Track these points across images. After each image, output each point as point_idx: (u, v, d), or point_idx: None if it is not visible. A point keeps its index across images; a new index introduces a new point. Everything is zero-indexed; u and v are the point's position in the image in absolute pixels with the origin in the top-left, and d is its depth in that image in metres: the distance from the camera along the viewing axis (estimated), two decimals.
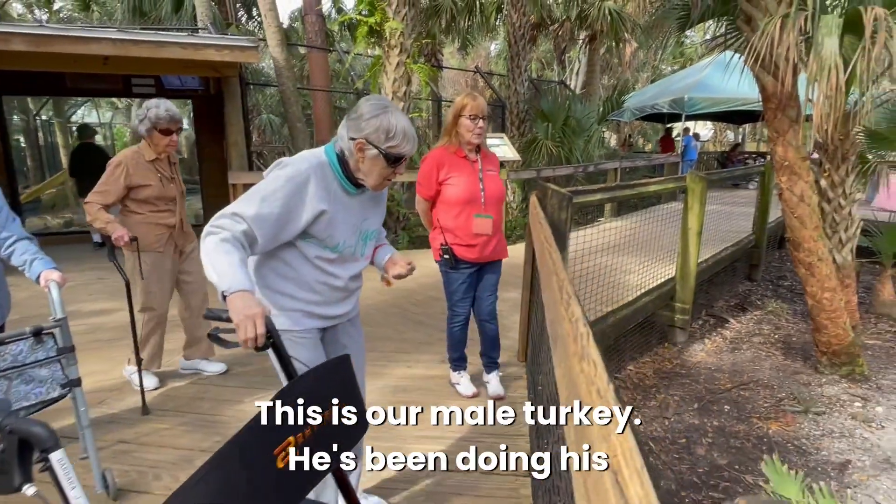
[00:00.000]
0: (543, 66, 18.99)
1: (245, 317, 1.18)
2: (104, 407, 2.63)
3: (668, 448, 3.45)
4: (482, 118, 2.50)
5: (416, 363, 3.24)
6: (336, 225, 1.51)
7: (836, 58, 3.39)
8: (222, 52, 5.13)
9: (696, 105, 10.69)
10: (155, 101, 2.63)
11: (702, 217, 4.61)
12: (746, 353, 4.91)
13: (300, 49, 15.42)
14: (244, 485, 0.79)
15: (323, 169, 1.48)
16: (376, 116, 1.42)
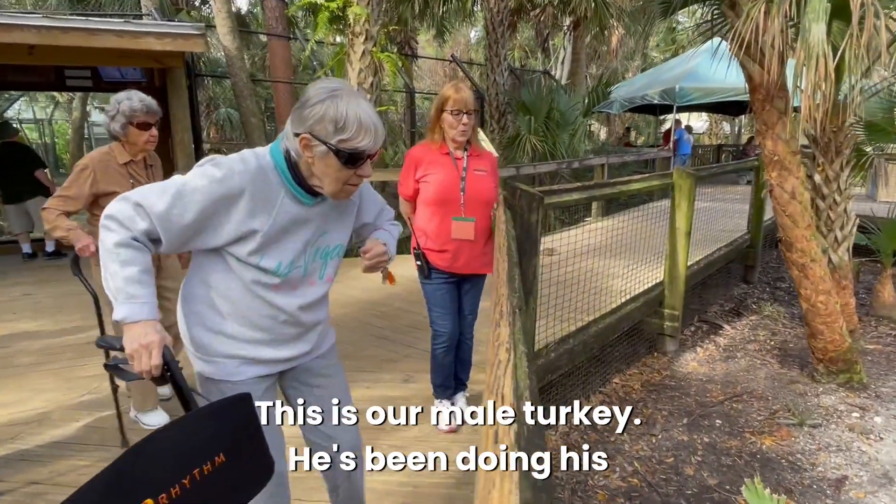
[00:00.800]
0: (527, 54, 19.12)
1: (140, 346, 1.13)
2: (17, 442, 2.53)
3: (654, 468, 3.44)
4: (467, 113, 2.42)
5: (375, 383, 3.18)
6: (276, 243, 1.32)
7: (824, 45, 3.44)
8: (163, 40, 5.02)
9: (687, 95, 10.83)
10: (125, 93, 2.46)
11: (691, 216, 4.65)
12: (741, 361, 4.96)
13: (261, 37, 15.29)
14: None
15: (264, 176, 1.28)
16: (321, 102, 1.21)
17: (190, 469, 0.86)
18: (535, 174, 7.73)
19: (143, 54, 5.33)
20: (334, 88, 1.24)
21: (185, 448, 0.89)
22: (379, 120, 1.27)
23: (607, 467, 3.47)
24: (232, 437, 0.97)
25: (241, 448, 0.97)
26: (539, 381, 3.43)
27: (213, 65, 14.67)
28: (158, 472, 0.83)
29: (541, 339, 3.50)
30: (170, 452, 0.86)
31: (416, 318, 4.18)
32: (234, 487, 0.95)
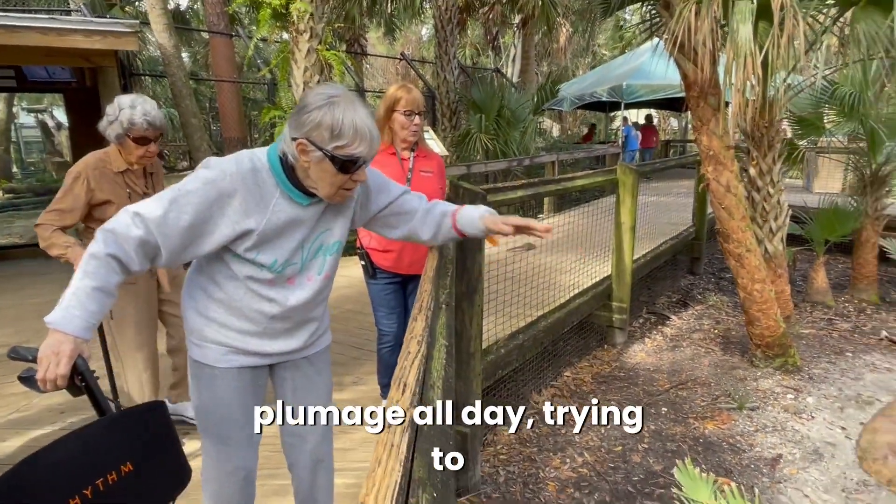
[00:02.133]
0: (478, 52, 19.32)
1: (51, 353, 1.12)
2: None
3: (603, 458, 3.57)
4: (418, 114, 2.45)
5: None
6: (272, 241, 1.37)
7: (750, 44, 3.65)
8: (93, 38, 4.85)
9: (634, 92, 11.22)
10: (130, 100, 2.26)
11: (635, 211, 4.84)
12: (686, 350, 5.19)
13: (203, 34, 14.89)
14: None
15: (258, 176, 1.33)
16: (319, 108, 1.26)
17: (92, 479, 0.87)
18: (487, 172, 7.84)
19: (71, 53, 5.13)
20: (332, 95, 1.28)
21: (88, 458, 0.89)
22: (375, 127, 1.32)
23: (558, 460, 3.59)
24: (141, 445, 0.97)
25: (151, 456, 0.98)
26: (489, 378, 3.50)
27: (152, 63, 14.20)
28: (56, 483, 0.83)
29: (490, 336, 3.59)
30: (69, 463, 0.86)
31: (367, 320, 4.19)
32: (144, 496, 0.95)
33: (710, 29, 3.66)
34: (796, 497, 3.14)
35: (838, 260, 7.82)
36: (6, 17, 4.83)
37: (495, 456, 3.52)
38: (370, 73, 20.72)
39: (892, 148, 5.78)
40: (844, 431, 3.75)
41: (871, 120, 5.56)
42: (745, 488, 3.12)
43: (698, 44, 3.80)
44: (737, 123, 4.12)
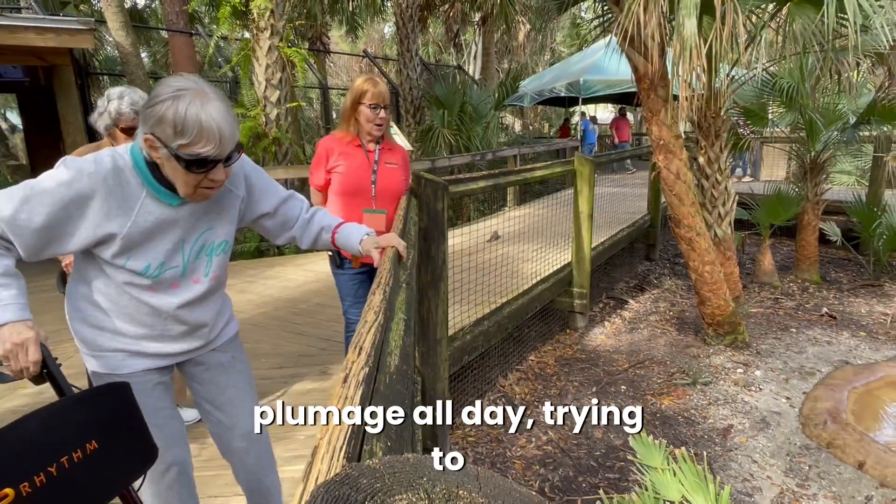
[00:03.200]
0: (440, 49, 19.32)
1: (13, 345, 1.09)
2: None
3: (566, 435, 3.67)
4: (384, 107, 2.44)
5: (293, 378, 3.18)
6: (145, 246, 1.27)
7: (695, 38, 3.78)
8: (45, 35, 4.67)
9: (591, 88, 11.42)
10: (118, 91, 2.23)
11: (592, 199, 4.95)
12: (644, 331, 5.35)
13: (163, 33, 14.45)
14: None
15: (121, 176, 1.21)
16: (164, 102, 1.13)
17: (57, 457, 0.86)
18: (451, 166, 7.88)
19: (23, 51, 4.93)
20: (179, 88, 1.16)
21: (51, 436, 0.89)
22: (229, 124, 1.18)
23: (524, 439, 3.67)
24: (106, 423, 0.97)
25: (116, 434, 0.98)
26: (456, 363, 3.55)
27: (110, 63, 13.72)
28: (19, 461, 0.83)
29: (456, 324, 3.63)
30: (31, 441, 0.85)
31: (335, 312, 4.18)
32: (111, 473, 0.95)
33: (658, 23, 3.77)
34: (746, 463, 3.29)
35: (783, 243, 8.16)
36: None
37: (464, 438, 3.57)
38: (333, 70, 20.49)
39: (828, 136, 6.06)
40: (789, 401, 3.94)
41: (809, 111, 5.82)
42: (695, 455, 3.25)
43: (647, 37, 3.91)
44: (685, 114, 4.25)
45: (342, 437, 0.52)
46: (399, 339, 0.94)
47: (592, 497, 3.01)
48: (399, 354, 0.89)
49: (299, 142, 8.69)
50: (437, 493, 0.38)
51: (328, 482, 0.37)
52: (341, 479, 0.37)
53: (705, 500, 1.88)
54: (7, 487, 0.80)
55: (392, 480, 0.38)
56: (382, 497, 0.36)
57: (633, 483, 3.06)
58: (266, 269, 5.70)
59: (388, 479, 0.39)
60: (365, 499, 0.36)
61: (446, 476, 0.41)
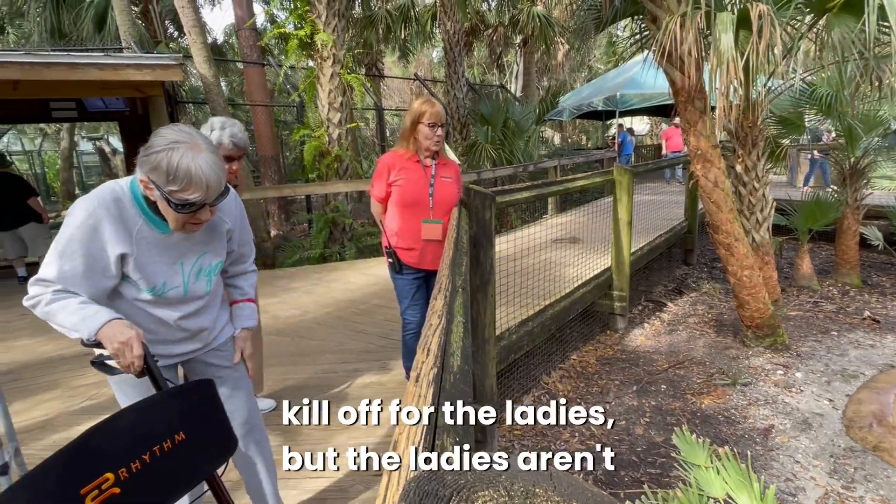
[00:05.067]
0: (484, 70, 19.32)
1: (120, 344, 1.16)
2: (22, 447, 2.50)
3: (608, 431, 3.57)
4: (441, 126, 2.48)
5: (355, 372, 3.23)
6: (148, 267, 1.35)
7: (732, 51, 3.62)
8: (143, 71, 4.97)
9: (628, 101, 11.15)
10: (220, 121, 2.32)
11: (631, 207, 4.82)
12: (682, 333, 5.15)
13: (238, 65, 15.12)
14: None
15: (120, 205, 1.30)
16: (159, 152, 1.20)
17: (150, 446, 0.90)
18: (494, 178, 7.85)
19: (124, 85, 5.26)
20: (174, 140, 1.21)
21: (146, 427, 0.93)
22: (216, 174, 1.25)
23: (568, 434, 3.59)
24: (193, 416, 1.01)
25: (201, 426, 1.01)
26: (503, 361, 3.53)
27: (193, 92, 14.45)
28: (118, 448, 0.86)
29: (502, 324, 3.61)
30: (129, 431, 0.89)
31: (392, 313, 4.24)
32: (196, 461, 0.98)
33: (695, 39, 3.64)
34: (788, 463, 3.11)
35: (822, 247, 7.68)
36: (69, 55, 4.98)
37: (510, 431, 3.53)
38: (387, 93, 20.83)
39: (869, 142, 5.67)
40: (831, 403, 3.70)
41: (848, 118, 5.47)
42: (738, 454, 3.09)
43: (684, 53, 3.79)
44: (722, 124, 4.08)
45: (419, 432, 0.52)
46: (459, 341, 0.94)
47: (635, 491, 2.91)
48: (460, 355, 0.89)
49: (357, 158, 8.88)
50: (516, 490, 0.37)
51: (418, 477, 0.37)
52: (429, 475, 0.38)
53: (750, 498, 1.78)
54: (108, 472, 0.85)
55: (474, 477, 0.38)
56: (467, 493, 0.36)
57: (675, 479, 2.94)
58: (329, 273, 5.83)
59: (470, 476, 0.39)
60: (451, 494, 0.36)
61: (524, 475, 0.40)
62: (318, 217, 7.16)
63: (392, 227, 2.61)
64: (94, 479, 0.81)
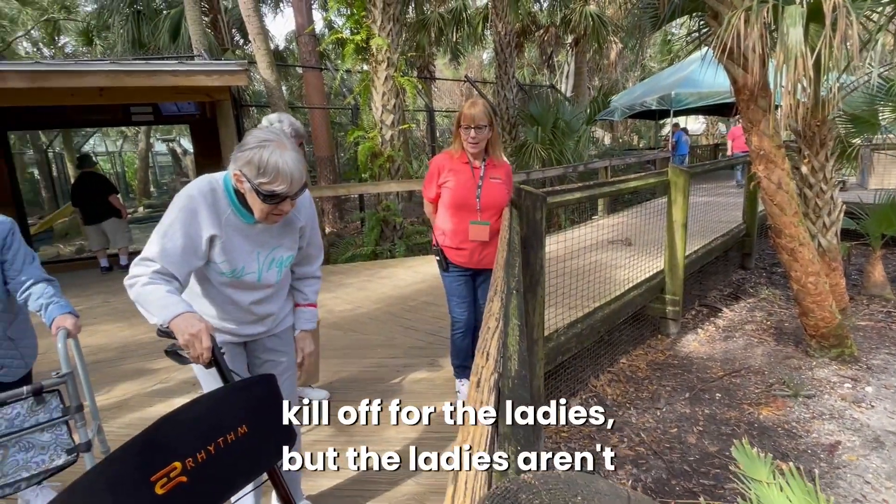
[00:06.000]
0: (534, 71, 19.04)
1: (190, 336, 1.22)
2: None
3: (659, 438, 3.42)
4: (476, 128, 2.43)
5: (405, 367, 3.25)
6: (231, 251, 1.48)
7: (801, 46, 3.38)
8: (212, 76, 5.21)
9: (683, 100, 10.66)
10: (277, 116, 2.44)
11: (686, 209, 4.60)
12: (739, 340, 4.87)
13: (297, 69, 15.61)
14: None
15: (214, 194, 1.45)
16: (251, 149, 1.34)
17: (215, 437, 0.92)
18: (543, 178, 7.72)
19: (195, 90, 5.53)
20: (265, 139, 1.35)
21: (213, 419, 0.94)
22: (299, 170, 1.37)
23: (616, 438, 3.48)
24: (255, 410, 1.02)
25: (263, 420, 1.02)
26: (551, 362, 3.45)
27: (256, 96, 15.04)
28: (186, 439, 0.89)
29: (551, 325, 3.53)
30: (196, 423, 0.91)
31: (441, 311, 4.24)
32: (257, 455, 1.00)
33: (760, 34, 3.42)
34: (857, 483, 2.87)
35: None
36: (147, 63, 5.28)
37: (557, 433, 3.46)
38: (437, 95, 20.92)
39: None
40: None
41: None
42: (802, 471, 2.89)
43: (747, 49, 3.57)
44: (787, 123, 3.82)
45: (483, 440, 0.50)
46: (515, 344, 0.91)
47: (688, 502, 2.78)
48: (517, 359, 0.86)
49: (408, 159, 8.96)
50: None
51: (492, 495, 0.35)
52: (503, 493, 0.35)
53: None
54: (176, 461, 0.87)
55: (549, 498, 0.36)
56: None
57: (731, 492, 2.78)
58: (380, 270, 5.92)
59: (544, 495, 0.36)
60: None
61: (599, 496, 0.37)
62: (370, 215, 7.27)
63: (441, 227, 2.61)
64: (163, 468, 0.83)
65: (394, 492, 2.07)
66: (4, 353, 1.83)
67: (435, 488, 2.07)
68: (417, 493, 2.05)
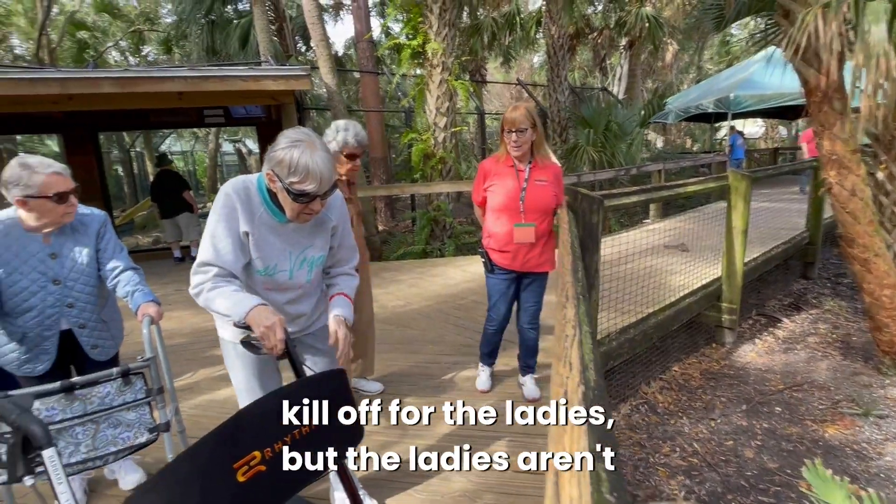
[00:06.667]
0: (587, 73, 18.58)
1: (266, 328, 1.25)
2: None
3: (713, 450, 3.24)
4: (517, 131, 2.41)
5: (456, 365, 3.23)
6: (263, 248, 1.48)
7: (884, 44, 3.11)
8: (278, 81, 5.38)
9: (742, 103, 10.09)
10: (344, 124, 2.43)
11: (747, 215, 4.34)
12: (800, 353, 4.55)
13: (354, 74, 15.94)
14: (197, 497, 0.76)
15: (248, 193, 1.46)
16: (283, 149, 1.34)
17: (291, 429, 0.93)
18: (594, 181, 7.50)
19: (262, 94, 5.73)
20: (296, 140, 1.35)
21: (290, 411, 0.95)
22: (328, 169, 1.36)
23: (668, 447, 3.32)
24: (328, 403, 1.02)
25: (335, 414, 1.02)
26: (601, 368, 3.34)
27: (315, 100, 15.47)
28: (265, 429, 0.90)
29: (603, 329, 3.41)
30: (274, 414, 0.92)
31: None
32: (328, 447, 1.00)
33: (838, 32, 3.17)
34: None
35: None
36: (221, 69, 5.52)
37: None
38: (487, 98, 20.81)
39: None
40: None
41: None
42: None
43: (822, 49, 3.31)
44: (864, 126, 3.52)
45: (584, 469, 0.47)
46: (590, 353, 0.86)
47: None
48: (594, 368, 0.81)
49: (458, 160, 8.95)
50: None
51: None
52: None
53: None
54: (256, 450, 0.88)
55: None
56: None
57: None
58: (431, 268, 5.93)
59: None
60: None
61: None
62: (421, 215, 7.31)
63: (487, 230, 2.61)
64: (244, 455, 0.84)
65: (445, 487, 2.05)
66: (98, 335, 1.94)
67: (486, 486, 2.04)
68: (469, 491, 2.02)
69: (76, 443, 1.59)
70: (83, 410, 1.61)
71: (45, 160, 1.75)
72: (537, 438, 2.33)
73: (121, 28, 16.60)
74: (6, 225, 1.73)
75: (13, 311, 1.76)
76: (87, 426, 1.61)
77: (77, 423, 1.60)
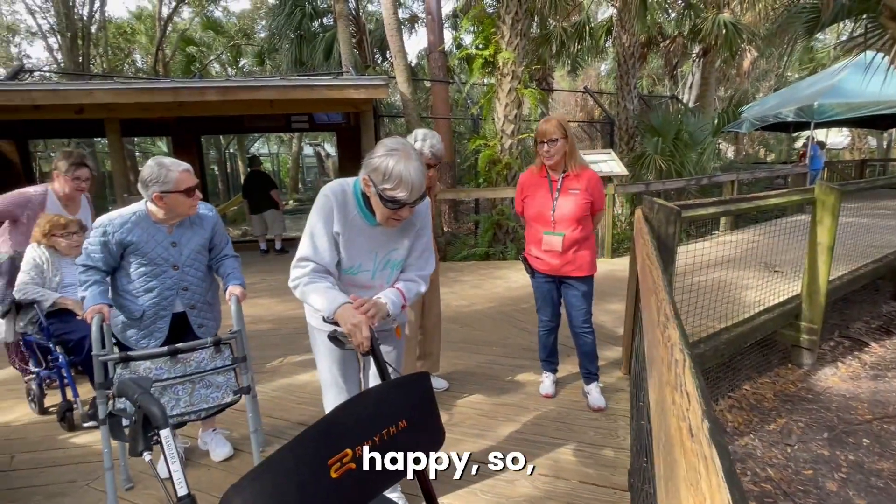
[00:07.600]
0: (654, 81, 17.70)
1: (352, 326, 1.27)
2: (258, 387, 2.92)
3: (790, 478, 2.94)
4: (547, 142, 2.42)
5: (518, 368, 3.15)
6: (351, 248, 1.52)
7: None
8: (359, 90, 5.53)
9: (827, 112, 9.17)
10: (423, 133, 2.46)
11: (834, 231, 3.91)
12: (892, 381, 4.04)
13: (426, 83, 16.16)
14: (294, 490, 0.77)
15: (345, 196, 1.50)
16: (380, 157, 1.38)
17: (380, 428, 0.91)
18: (662, 190, 7.10)
19: (345, 101, 5.92)
20: (392, 149, 1.38)
21: (379, 411, 0.93)
22: (420, 180, 1.38)
23: (738, 470, 3.05)
24: (413, 406, 1.00)
25: (419, 417, 1.00)
26: None
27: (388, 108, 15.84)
28: (358, 427, 0.89)
29: None
30: (367, 413, 0.91)
31: None
32: (413, 449, 0.97)
33: None
34: None
35: None
36: (308, 79, 5.75)
37: None
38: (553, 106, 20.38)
39: None
40: None
41: None
42: None
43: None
44: None
45: None
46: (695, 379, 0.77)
47: None
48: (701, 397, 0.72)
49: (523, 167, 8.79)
50: None
51: None
52: None
53: None
54: (347, 448, 0.86)
55: None
56: None
57: None
58: (494, 270, 5.86)
59: None
60: None
61: None
62: (484, 218, 7.25)
63: (527, 237, 2.69)
64: (337, 453, 0.84)
65: (510, 490, 1.98)
66: (206, 315, 2.12)
67: (550, 494, 1.95)
68: (533, 497, 1.95)
69: (177, 398, 1.80)
70: (183, 371, 1.83)
71: (175, 160, 1.92)
72: (604, 450, 2.21)
73: (222, 42, 17.86)
74: (139, 216, 1.92)
75: (137, 290, 1.94)
76: (185, 385, 1.82)
77: (178, 381, 1.81)
